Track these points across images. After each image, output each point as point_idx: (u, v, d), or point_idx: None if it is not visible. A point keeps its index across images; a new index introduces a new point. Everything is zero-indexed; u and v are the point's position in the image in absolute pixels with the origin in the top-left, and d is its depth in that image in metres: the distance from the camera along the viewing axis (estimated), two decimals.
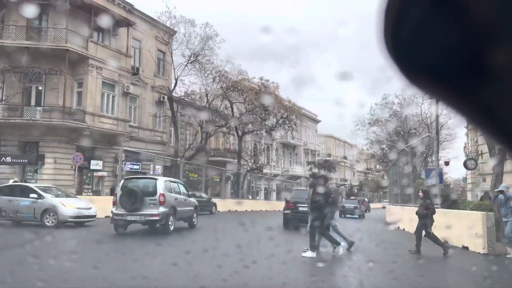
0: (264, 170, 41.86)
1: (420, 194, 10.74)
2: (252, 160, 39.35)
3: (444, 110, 23.60)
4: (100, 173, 25.64)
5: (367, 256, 9.21)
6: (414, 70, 0.51)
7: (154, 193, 12.03)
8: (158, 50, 31.11)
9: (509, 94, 0.48)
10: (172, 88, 29.32)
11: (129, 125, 26.94)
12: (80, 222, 13.89)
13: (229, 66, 31.56)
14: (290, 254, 8.77)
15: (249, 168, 38.30)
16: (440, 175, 14.90)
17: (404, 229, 16.24)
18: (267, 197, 43.39)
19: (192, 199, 15.27)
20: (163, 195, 12.03)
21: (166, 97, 29.77)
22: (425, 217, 9.78)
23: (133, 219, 11.81)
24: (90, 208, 14.34)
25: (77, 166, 21.98)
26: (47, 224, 13.25)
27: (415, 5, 0.47)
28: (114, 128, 25.11)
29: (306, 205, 9.40)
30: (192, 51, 29.42)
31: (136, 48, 29.36)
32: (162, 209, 11.84)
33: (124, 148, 21.56)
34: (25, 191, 13.80)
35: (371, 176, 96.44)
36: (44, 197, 13.56)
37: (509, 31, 0.44)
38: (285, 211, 15.94)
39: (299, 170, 56.18)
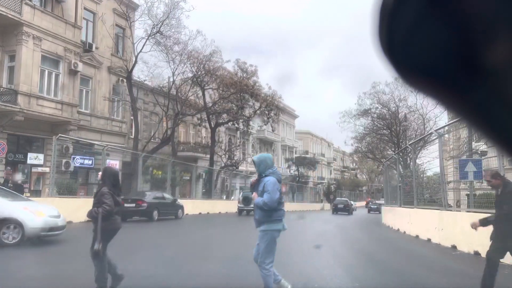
0: (240, 167, 37.70)
1: (99, 176, 5.53)
2: (227, 156, 35.13)
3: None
4: (40, 169, 20.90)
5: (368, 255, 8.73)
6: (409, 69, 0.51)
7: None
8: (117, 25, 26.47)
9: (504, 93, 0.48)
10: (131, 66, 24.56)
11: (79, 111, 22.26)
12: (51, 235, 9.76)
13: (200, 39, 27.17)
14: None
15: (223, 165, 34.09)
16: (479, 167, 11.21)
17: (404, 231, 15.10)
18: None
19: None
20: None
21: (125, 79, 25.14)
22: (96, 219, 5.00)
23: (247, 208, 24.83)
24: (59, 216, 10.06)
25: (3, 159, 17.27)
26: (6, 241, 9.01)
27: (410, 3, 0.48)
28: (57, 114, 20.41)
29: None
30: (154, 22, 24.79)
31: (89, 21, 24.68)
32: None
33: (61, 135, 16.93)
34: None
35: (348, 175, 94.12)
36: None
37: (505, 29, 0.45)
38: (332, 207, 36.97)
39: (277, 168, 52.39)
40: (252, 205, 23.95)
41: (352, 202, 40.91)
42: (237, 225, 19.69)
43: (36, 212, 9.59)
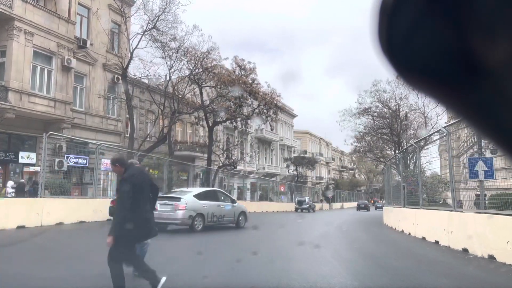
0: (238, 167, 37.10)
1: None
2: (224, 155, 34.52)
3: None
4: (32, 168, 20.28)
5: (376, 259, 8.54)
6: (409, 69, 0.51)
7: (305, 201, 41.01)
8: (112, 21, 25.84)
9: (504, 93, 0.48)
10: (126, 63, 23.89)
11: (72, 109, 21.64)
12: None
13: (196, 34, 26.54)
14: None
15: (221, 164, 33.49)
16: (490, 166, 10.68)
17: (409, 233, 14.68)
18: (240, 196, 38.58)
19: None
20: (308, 202, 41.06)
21: (120, 77, 24.50)
22: None
23: (301, 208, 39.66)
24: None
25: None
26: (241, 226, 15.65)
27: (410, 3, 0.48)
28: (50, 111, 19.80)
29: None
30: (150, 17, 24.09)
31: (84, 17, 24.07)
32: (307, 206, 40.20)
33: (52, 133, 16.29)
34: (216, 196, 15.18)
35: (346, 175, 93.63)
36: (236, 202, 16.22)
37: (505, 29, 0.45)
38: (356, 206, 55.01)
39: (276, 167, 51.79)
40: (304, 206, 41.48)
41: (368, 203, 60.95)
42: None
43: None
